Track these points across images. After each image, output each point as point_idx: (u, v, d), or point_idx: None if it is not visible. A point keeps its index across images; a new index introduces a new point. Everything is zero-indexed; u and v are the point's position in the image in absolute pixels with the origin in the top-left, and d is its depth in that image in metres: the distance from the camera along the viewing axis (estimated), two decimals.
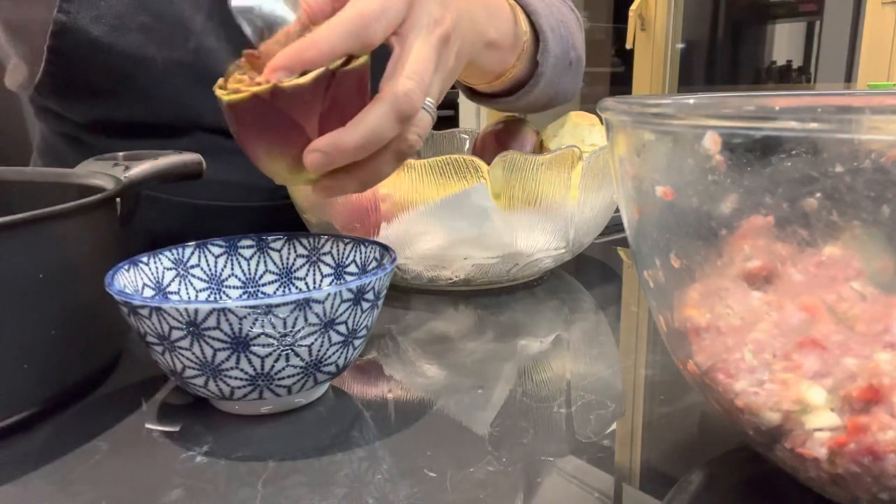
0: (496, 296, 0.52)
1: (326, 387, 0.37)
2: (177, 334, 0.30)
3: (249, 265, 0.41)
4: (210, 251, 0.40)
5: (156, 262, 0.38)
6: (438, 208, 0.46)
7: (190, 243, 0.40)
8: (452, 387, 0.37)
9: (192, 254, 0.40)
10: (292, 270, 0.41)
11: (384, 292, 0.34)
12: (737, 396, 0.24)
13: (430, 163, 0.45)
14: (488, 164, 0.45)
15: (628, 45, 2.21)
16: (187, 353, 0.30)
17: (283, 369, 0.31)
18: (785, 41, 2.43)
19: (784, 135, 0.20)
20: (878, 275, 0.21)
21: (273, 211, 0.64)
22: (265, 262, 0.41)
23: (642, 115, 0.25)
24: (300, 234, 0.42)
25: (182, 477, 0.29)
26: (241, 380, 0.31)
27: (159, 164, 0.43)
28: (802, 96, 0.35)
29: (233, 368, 0.30)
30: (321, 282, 0.41)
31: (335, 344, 0.32)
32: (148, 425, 0.33)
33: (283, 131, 0.34)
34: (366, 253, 0.39)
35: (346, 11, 0.33)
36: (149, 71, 0.54)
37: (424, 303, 0.51)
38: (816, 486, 0.25)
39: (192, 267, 0.39)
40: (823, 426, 0.22)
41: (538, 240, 0.49)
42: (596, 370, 0.39)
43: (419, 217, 0.47)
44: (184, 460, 0.30)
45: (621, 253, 0.66)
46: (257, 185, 0.63)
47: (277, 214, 0.64)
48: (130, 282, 0.35)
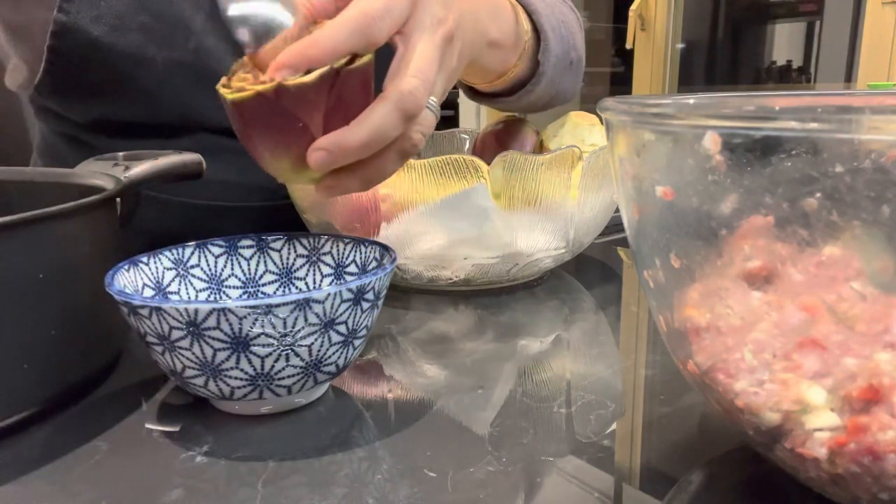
0: (496, 296, 0.52)
1: (326, 387, 0.37)
2: (177, 334, 0.30)
3: (249, 265, 0.41)
4: (210, 251, 0.40)
5: (156, 262, 0.38)
6: (438, 208, 0.46)
7: (190, 243, 0.40)
8: (452, 387, 0.37)
9: (192, 254, 0.40)
10: (292, 270, 0.41)
11: (384, 292, 0.34)
12: (737, 396, 0.24)
13: (430, 163, 0.45)
14: (488, 164, 0.45)
15: (628, 45, 2.22)
16: (187, 353, 0.30)
17: (283, 369, 0.31)
18: (785, 41, 2.43)
19: (784, 135, 0.20)
20: (878, 275, 0.21)
21: (273, 211, 0.64)
22: (265, 262, 0.41)
23: (642, 115, 0.25)
24: (300, 234, 0.42)
25: (182, 477, 0.29)
26: (241, 380, 0.31)
27: (159, 164, 0.43)
28: (802, 96, 0.35)
29: (233, 368, 0.30)
30: (321, 282, 0.41)
31: (335, 344, 0.32)
32: (148, 425, 0.33)
33: (288, 130, 0.34)
34: (366, 253, 0.39)
35: (351, 10, 0.33)
36: (149, 71, 0.54)
37: (424, 303, 0.51)
38: (816, 486, 0.25)
39: (192, 267, 0.39)
40: (823, 426, 0.22)
41: (538, 240, 0.49)
42: (596, 370, 0.39)
43: (419, 217, 0.47)
44: (184, 460, 0.30)
45: (621, 253, 0.66)
46: (257, 185, 0.63)
47: (277, 214, 0.64)
48: (130, 282, 0.35)
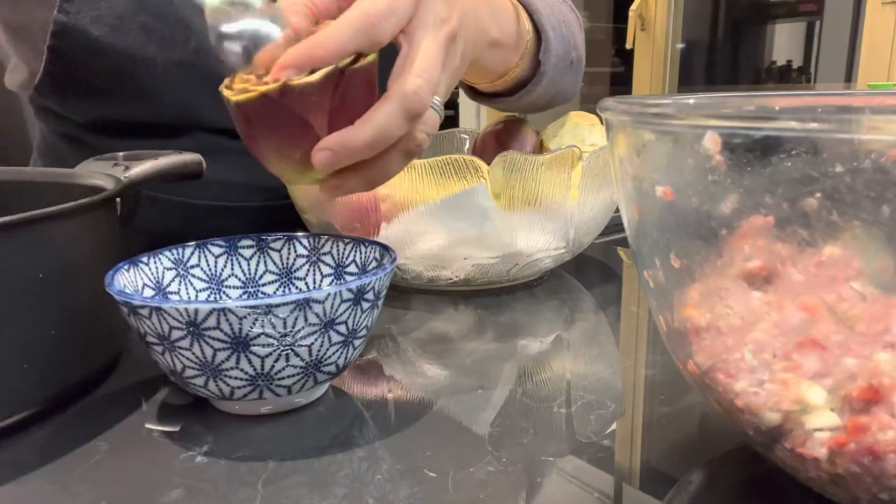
0: (496, 296, 0.52)
1: (326, 387, 0.37)
2: (177, 334, 0.30)
3: (249, 265, 0.41)
4: (210, 251, 0.40)
5: (156, 262, 0.38)
6: (438, 208, 0.46)
7: (190, 243, 0.40)
8: (452, 387, 0.37)
9: (192, 254, 0.40)
10: (292, 270, 0.41)
11: (384, 292, 0.34)
12: (737, 396, 0.24)
13: (430, 163, 0.45)
14: (488, 164, 0.45)
15: (628, 45, 2.22)
16: (187, 353, 0.30)
17: (283, 369, 0.31)
18: (785, 41, 2.43)
19: (784, 135, 0.20)
20: (878, 275, 0.21)
21: (273, 211, 0.64)
22: (265, 262, 0.41)
23: (642, 115, 0.25)
24: (300, 234, 0.42)
25: (182, 477, 0.29)
26: (241, 380, 0.31)
27: (159, 164, 0.43)
28: (802, 96, 0.35)
29: (233, 368, 0.30)
30: (321, 282, 0.41)
31: (335, 344, 0.32)
32: (148, 425, 0.33)
33: (292, 130, 0.34)
34: (366, 253, 0.39)
35: (355, 10, 0.33)
36: (149, 71, 0.54)
37: (424, 303, 0.51)
38: (816, 486, 0.25)
39: (192, 267, 0.39)
40: (823, 426, 0.22)
41: (538, 240, 0.49)
42: (596, 370, 0.39)
43: (419, 217, 0.47)
44: (184, 460, 0.30)
45: (621, 253, 0.66)
46: (257, 185, 0.63)
47: (277, 214, 0.64)
48: (130, 282, 0.35)
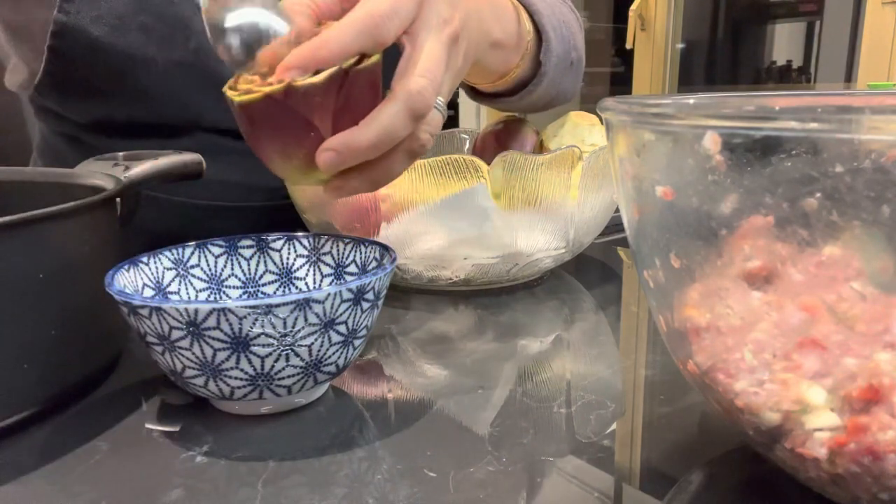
0: (496, 296, 0.52)
1: (326, 387, 0.37)
2: (177, 334, 0.30)
3: (249, 265, 0.41)
4: (210, 251, 0.40)
5: (156, 262, 0.38)
6: (438, 208, 0.46)
7: (190, 243, 0.40)
8: (452, 387, 0.37)
9: (192, 254, 0.40)
10: (292, 270, 0.41)
11: (384, 292, 0.34)
12: (737, 396, 0.24)
13: (430, 163, 0.45)
14: (488, 164, 0.45)
15: (628, 45, 2.22)
16: (187, 353, 0.30)
17: (283, 369, 0.31)
18: (785, 41, 2.43)
19: (784, 135, 0.20)
20: (878, 275, 0.21)
21: (273, 211, 0.64)
22: (265, 262, 0.41)
23: (642, 115, 0.25)
24: (300, 234, 0.42)
25: (182, 477, 0.29)
26: (241, 380, 0.31)
27: (159, 164, 0.43)
28: (802, 96, 0.35)
29: (233, 368, 0.30)
30: (321, 282, 0.41)
31: (335, 344, 0.32)
32: (148, 425, 0.33)
33: (296, 131, 0.34)
34: (366, 253, 0.39)
35: (358, 11, 0.33)
36: (149, 71, 0.54)
37: (424, 303, 0.51)
38: (816, 486, 0.25)
39: (192, 267, 0.39)
40: (823, 426, 0.22)
41: (538, 240, 0.49)
42: (596, 370, 0.39)
43: (419, 217, 0.47)
44: (184, 460, 0.30)
45: (621, 253, 0.66)
46: (257, 185, 0.63)
47: (277, 214, 0.64)
48: (130, 282, 0.35)
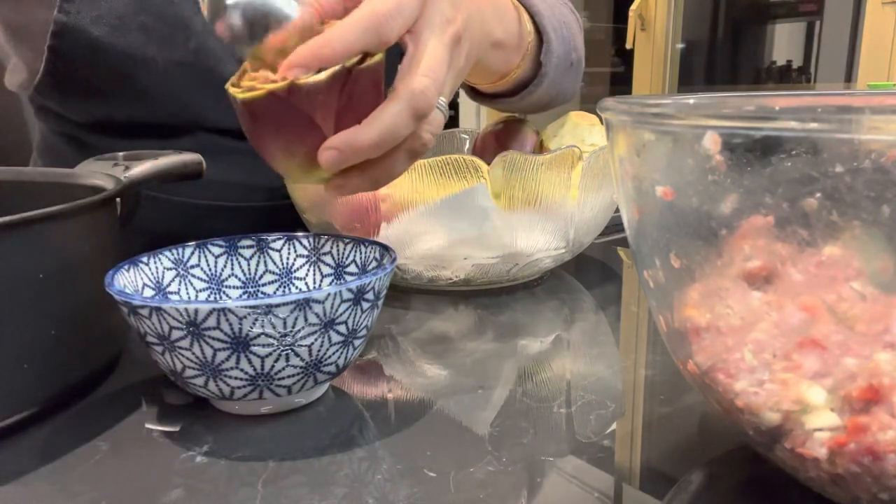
0: (496, 296, 0.52)
1: (326, 387, 0.37)
2: (177, 334, 0.30)
3: (249, 265, 0.41)
4: (210, 251, 0.40)
5: (156, 262, 0.38)
6: (438, 208, 0.46)
7: (190, 243, 0.40)
8: (452, 387, 0.37)
9: (192, 254, 0.40)
10: (292, 270, 0.41)
11: (384, 292, 0.34)
12: (737, 396, 0.24)
13: (430, 163, 0.45)
14: (488, 164, 0.45)
15: (628, 45, 2.22)
16: (187, 353, 0.30)
17: (283, 369, 0.31)
18: (785, 41, 2.43)
19: (784, 135, 0.20)
20: (878, 275, 0.21)
21: (273, 211, 0.64)
22: (265, 262, 0.41)
23: (642, 115, 0.25)
24: (300, 234, 0.42)
25: (182, 477, 0.29)
26: (241, 380, 0.31)
27: (159, 164, 0.43)
28: (802, 96, 0.35)
29: (233, 368, 0.30)
30: (321, 282, 0.41)
31: (335, 344, 0.32)
32: (148, 425, 0.33)
33: (299, 129, 0.34)
34: (366, 253, 0.39)
35: (362, 9, 0.33)
36: (149, 71, 0.54)
37: (424, 303, 0.51)
38: (816, 486, 0.25)
39: (192, 267, 0.39)
40: (823, 426, 0.22)
41: (538, 240, 0.49)
42: (596, 370, 0.39)
43: (419, 217, 0.47)
44: (184, 460, 0.30)
45: (621, 253, 0.66)
46: (257, 185, 0.63)
47: (277, 214, 0.64)
48: (130, 282, 0.35)
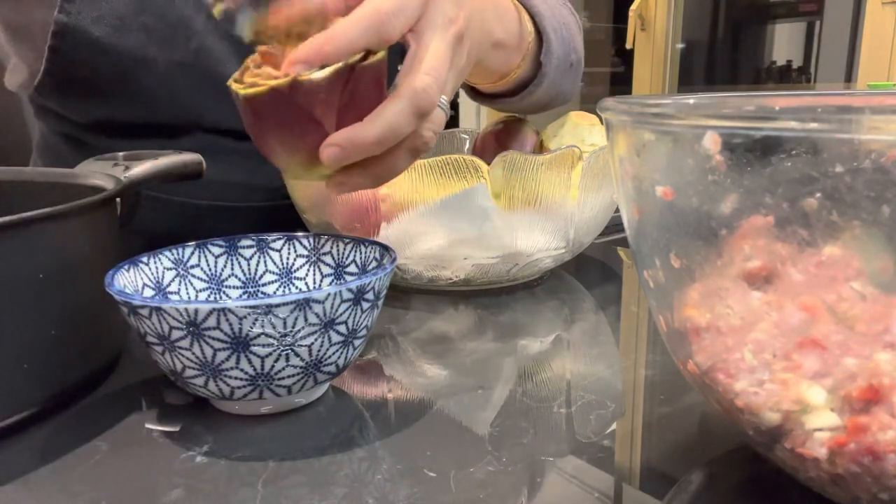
0: (496, 296, 0.52)
1: (326, 387, 0.37)
2: (177, 334, 0.30)
3: (249, 265, 0.41)
4: (210, 251, 0.40)
5: (156, 262, 0.38)
6: (438, 208, 0.46)
7: (190, 243, 0.40)
8: (452, 387, 0.37)
9: (192, 254, 0.40)
10: (292, 270, 0.41)
11: (384, 292, 0.34)
12: (737, 396, 0.24)
13: (430, 163, 0.45)
14: (488, 164, 0.45)
15: (628, 45, 2.22)
16: (187, 353, 0.30)
17: (283, 369, 0.31)
18: (785, 41, 2.43)
19: (784, 135, 0.20)
20: (878, 275, 0.21)
21: (273, 211, 0.64)
22: (265, 262, 0.41)
23: (642, 115, 0.25)
24: (300, 234, 0.42)
25: (182, 477, 0.29)
26: (241, 380, 0.31)
27: (159, 164, 0.43)
28: (802, 96, 0.35)
29: (233, 368, 0.30)
30: (321, 282, 0.41)
31: (335, 344, 0.32)
32: (148, 425, 0.33)
33: (301, 125, 0.34)
34: (366, 253, 0.39)
35: (365, 7, 0.34)
36: (150, 71, 0.54)
37: (424, 303, 0.51)
38: (816, 486, 0.25)
39: (192, 267, 0.39)
40: (823, 426, 0.22)
41: (538, 240, 0.49)
42: (596, 370, 0.39)
43: (419, 217, 0.47)
44: (184, 460, 0.30)
45: (621, 253, 0.66)
46: (257, 185, 0.63)
47: (277, 214, 0.64)
48: (130, 282, 0.35)
